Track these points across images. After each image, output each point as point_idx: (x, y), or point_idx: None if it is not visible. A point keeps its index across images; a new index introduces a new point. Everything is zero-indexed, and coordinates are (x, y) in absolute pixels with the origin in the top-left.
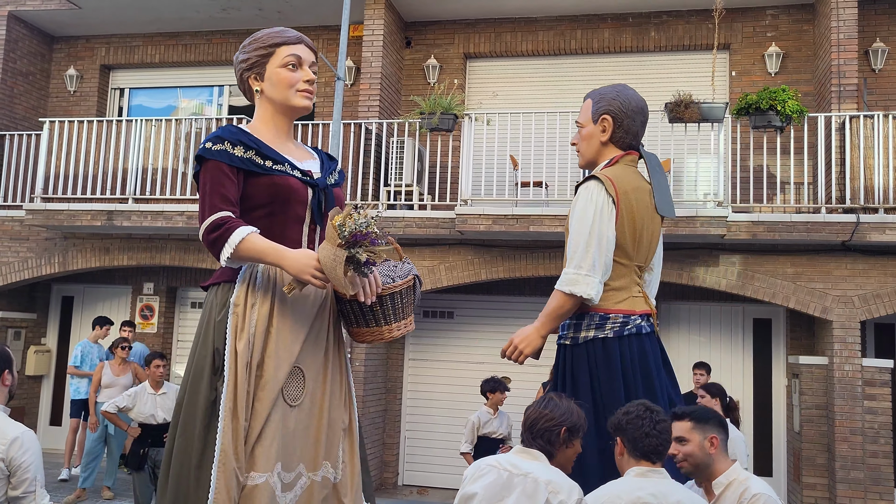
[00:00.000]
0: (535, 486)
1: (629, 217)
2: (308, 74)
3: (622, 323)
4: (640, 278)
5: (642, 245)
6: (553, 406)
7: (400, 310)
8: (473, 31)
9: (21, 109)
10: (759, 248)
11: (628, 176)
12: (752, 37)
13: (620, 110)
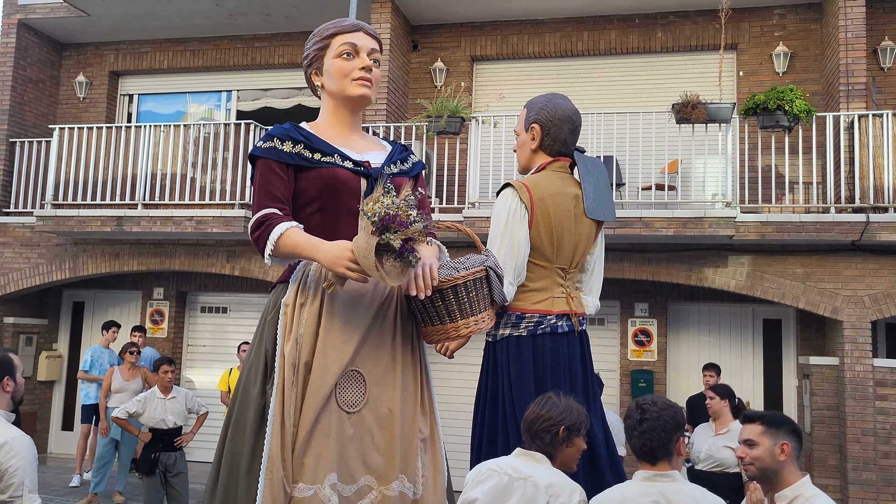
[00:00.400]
0: (536, 491)
1: (545, 221)
2: (364, 62)
3: (536, 322)
4: (566, 279)
5: (563, 248)
6: (551, 405)
7: (467, 305)
8: (480, 33)
9: (31, 116)
10: (769, 249)
11: (549, 182)
12: (759, 36)
13: (548, 119)
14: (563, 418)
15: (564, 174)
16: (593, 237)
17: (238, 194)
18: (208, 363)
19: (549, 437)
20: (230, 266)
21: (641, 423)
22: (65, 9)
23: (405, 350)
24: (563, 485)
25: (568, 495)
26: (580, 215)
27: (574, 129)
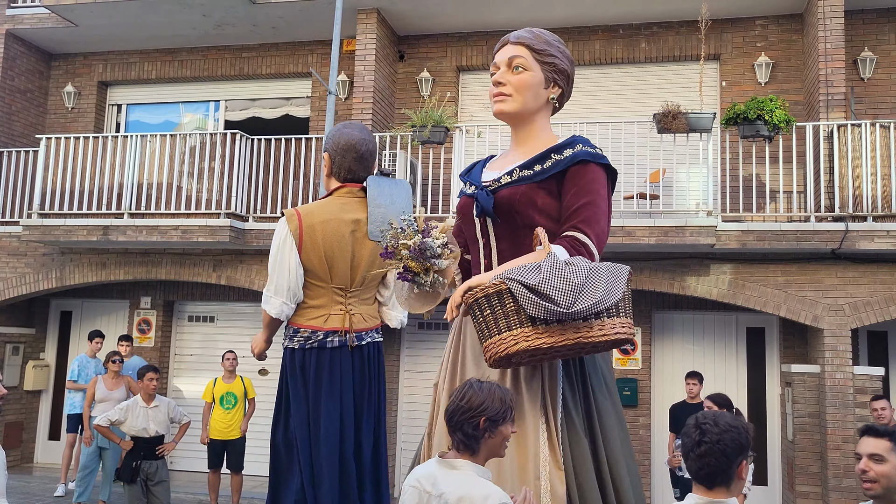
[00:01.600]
0: None
1: (313, 247)
2: (496, 77)
3: (307, 337)
4: (346, 297)
5: (337, 270)
6: (470, 395)
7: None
8: (466, 44)
9: (19, 126)
10: (750, 257)
11: (324, 209)
12: (741, 47)
13: (333, 149)
14: (485, 408)
15: (350, 199)
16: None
17: (224, 204)
18: (196, 372)
19: (470, 429)
20: (216, 275)
21: (699, 446)
22: (53, 19)
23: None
24: (474, 496)
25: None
26: (362, 238)
27: (359, 157)
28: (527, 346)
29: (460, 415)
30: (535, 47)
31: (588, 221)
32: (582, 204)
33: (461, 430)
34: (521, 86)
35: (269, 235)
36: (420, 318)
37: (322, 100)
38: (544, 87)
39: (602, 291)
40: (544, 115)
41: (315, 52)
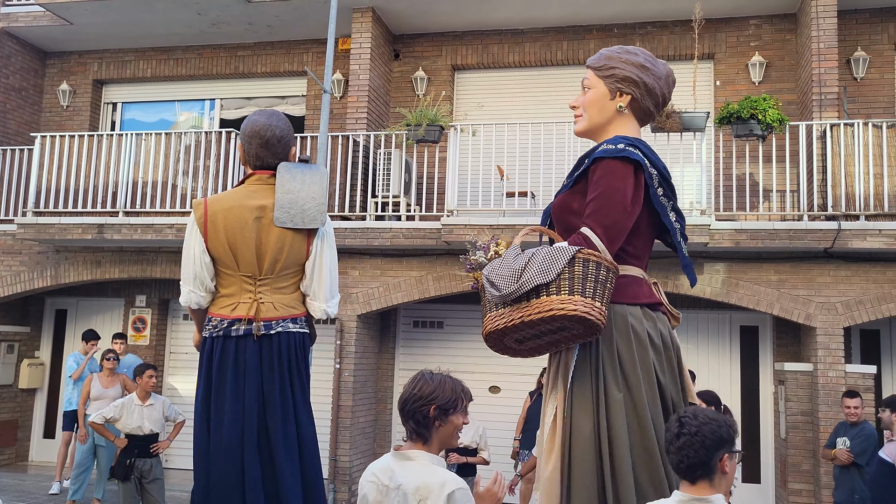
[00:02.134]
0: (405, 499)
1: (216, 234)
2: (571, 102)
3: (215, 325)
4: (256, 286)
5: (242, 258)
6: (422, 384)
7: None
8: (461, 43)
9: (14, 124)
10: (743, 256)
11: (230, 196)
12: (735, 46)
13: (242, 136)
14: (435, 397)
15: (258, 186)
16: (302, 243)
17: None
18: (191, 371)
19: (421, 417)
20: None
21: (679, 438)
22: (48, 17)
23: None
24: (431, 484)
25: (436, 494)
26: (269, 225)
27: (265, 144)
28: (491, 329)
29: (412, 403)
30: (596, 65)
31: (594, 215)
32: (591, 199)
33: (413, 419)
34: (586, 104)
35: None
36: (414, 317)
37: (317, 98)
38: (609, 98)
39: (532, 272)
40: (619, 125)
41: (310, 51)
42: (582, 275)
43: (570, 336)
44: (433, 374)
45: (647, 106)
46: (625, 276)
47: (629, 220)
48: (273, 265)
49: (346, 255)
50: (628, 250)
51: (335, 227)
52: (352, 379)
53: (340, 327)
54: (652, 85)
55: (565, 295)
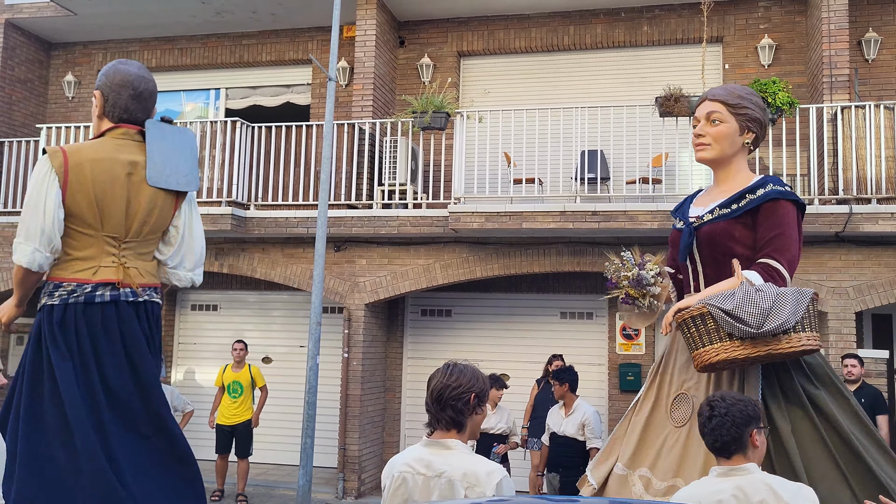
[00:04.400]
0: (451, 486)
1: (81, 187)
2: (698, 129)
3: (70, 291)
4: (120, 248)
5: (109, 216)
6: (458, 373)
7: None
8: (466, 29)
9: (20, 116)
10: None
11: (97, 148)
12: (744, 29)
13: (107, 85)
14: (473, 385)
15: (125, 141)
16: (170, 208)
17: (225, 192)
18: (199, 361)
19: (461, 406)
20: (218, 264)
21: (711, 420)
22: (52, 8)
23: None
24: (478, 472)
25: (485, 481)
26: (140, 183)
27: (137, 96)
28: (726, 357)
29: (450, 392)
30: (730, 102)
31: (780, 250)
32: (774, 235)
33: (451, 408)
34: (718, 136)
35: (271, 224)
36: (422, 306)
37: (322, 87)
38: (739, 134)
39: (787, 313)
40: (740, 158)
41: (315, 39)
42: (813, 313)
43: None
44: (464, 365)
45: (759, 143)
46: None
47: (801, 254)
48: (141, 227)
49: (353, 244)
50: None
51: (342, 215)
52: (360, 368)
53: (348, 316)
54: (766, 125)
55: (810, 332)
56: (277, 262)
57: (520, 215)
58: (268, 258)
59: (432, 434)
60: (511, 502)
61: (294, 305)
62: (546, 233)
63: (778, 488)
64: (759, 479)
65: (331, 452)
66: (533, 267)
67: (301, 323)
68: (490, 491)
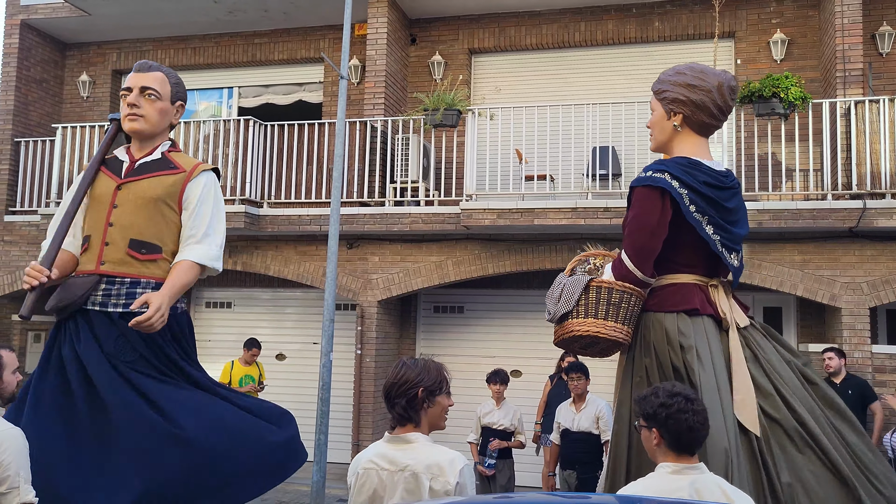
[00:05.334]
0: (416, 479)
1: None
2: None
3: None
4: None
5: None
6: (406, 370)
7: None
8: (478, 26)
9: (36, 116)
10: (766, 237)
11: None
12: (756, 24)
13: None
14: (421, 380)
15: None
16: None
17: (239, 190)
18: (214, 358)
19: (408, 401)
20: (232, 261)
21: (697, 414)
22: (66, 9)
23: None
24: (441, 463)
25: (448, 471)
26: None
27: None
28: (555, 339)
29: (398, 388)
30: (654, 89)
31: (626, 239)
32: (625, 224)
33: (400, 403)
34: (651, 125)
35: (284, 221)
36: (434, 302)
37: (334, 85)
38: (667, 119)
39: (560, 302)
40: (679, 143)
41: (327, 37)
42: (595, 300)
43: (608, 346)
44: (415, 360)
45: (700, 120)
46: (673, 284)
47: (657, 240)
48: None
49: (365, 241)
50: (679, 260)
51: (354, 213)
52: (373, 364)
53: (361, 313)
54: (700, 101)
55: (581, 318)
56: (291, 260)
57: (531, 212)
58: (281, 256)
59: (394, 430)
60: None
61: (307, 302)
62: (558, 229)
63: (727, 488)
64: (711, 479)
65: (344, 448)
66: (545, 263)
67: (314, 320)
68: (453, 479)
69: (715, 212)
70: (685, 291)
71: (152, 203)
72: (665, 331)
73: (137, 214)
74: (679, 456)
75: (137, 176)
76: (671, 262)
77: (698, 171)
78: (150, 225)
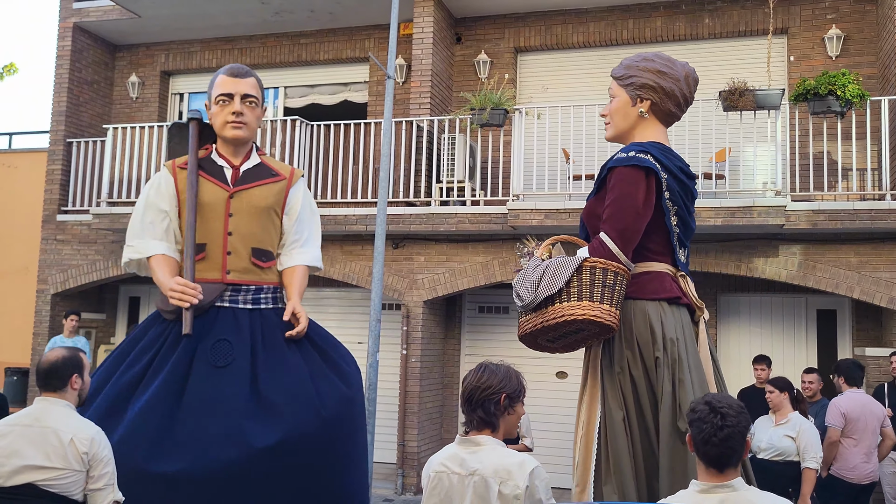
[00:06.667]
0: (485, 484)
1: None
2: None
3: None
4: None
5: None
6: (489, 375)
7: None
8: (523, 24)
9: (87, 117)
10: (821, 238)
11: None
12: (811, 20)
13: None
14: (504, 386)
15: None
16: None
17: None
18: None
19: (491, 406)
20: None
21: (722, 430)
22: (117, 11)
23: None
24: (510, 465)
25: (518, 473)
26: None
27: None
28: (520, 332)
29: (480, 393)
30: (616, 75)
31: (609, 220)
32: (607, 205)
33: (482, 408)
34: (612, 112)
35: (330, 221)
36: (479, 302)
37: (379, 84)
38: (631, 105)
39: (544, 284)
40: (643, 130)
41: (372, 37)
42: (589, 281)
43: (591, 334)
44: (497, 365)
45: (667, 108)
46: (648, 272)
47: (641, 222)
48: None
49: (411, 241)
50: (651, 247)
51: (400, 212)
52: (418, 365)
53: (407, 313)
54: (670, 88)
55: (574, 301)
56: (336, 260)
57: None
58: (327, 255)
59: (468, 433)
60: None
61: (349, 302)
62: None
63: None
64: (744, 497)
65: (390, 448)
66: None
67: (356, 319)
68: (523, 482)
69: (683, 201)
70: (661, 279)
71: (265, 212)
72: (648, 319)
73: (253, 223)
74: (708, 470)
75: (247, 184)
76: (644, 250)
77: (673, 156)
78: (264, 232)
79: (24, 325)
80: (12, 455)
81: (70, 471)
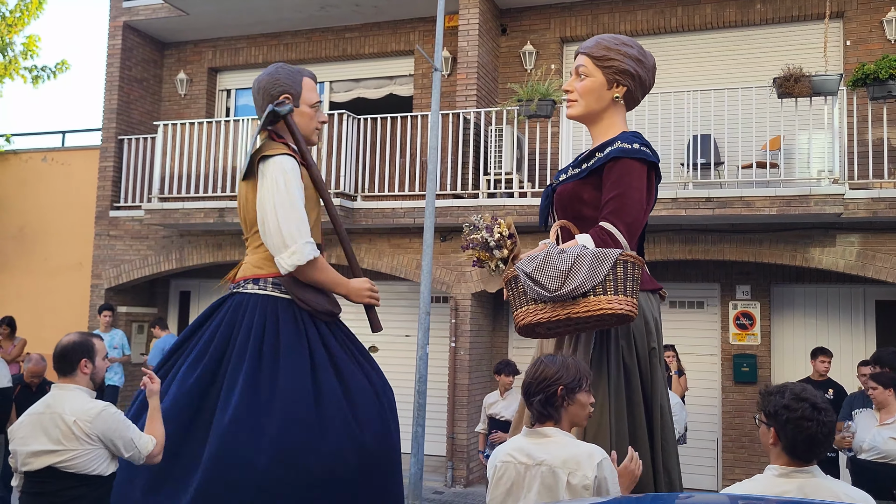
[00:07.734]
0: (553, 475)
1: None
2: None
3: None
4: (246, 248)
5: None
6: (544, 367)
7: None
8: (569, 14)
9: (137, 114)
10: (881, 227)
11: None
12: (868, 2)
13: None
14: (560, 378)
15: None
16: (253, 198)
17: (333, 183)
18: None
19: (548, 398)
20: (326, 254)
21: (825, 426)
22: (166, 9)
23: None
24: (579, 456)
25: (586, 464)
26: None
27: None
28: (531, 320)
29: (536, 386)
30: (595, 54)
31: (616, 212)
32: (612, 196)
33: (540, 401)
34: (583, 91)
35: (378, 214)
36: None
37: (425, 77)
38: (606, 88)
39: (582, 276)
40: (613, 114)
41: (417, 30)
42: (623, 276)
43: (600, 324)
44: (553, 357)
45: (636, 96)
46: None
47: (645, 217)
48: (243, 223)
49: (458, 234)
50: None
51: (448, 205)
52: (467, 357)
53: (455, 306)
54: (644, 77)
55: (611, 295)
56: (384, 253)
57: None
58: (375, 249)
59: (533, 425)
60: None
61: (395, 295)
62: (657, 220)
63: (841, 490)
64: (823, 484)
65: (440, 441)
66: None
67: (403, 312)
68: (591, 473)
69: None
70: (644, 270)
71: None
72: (642, 310)
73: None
74: (792, 460)
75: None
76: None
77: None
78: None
79: (78, 319)
80: (29, 442)
81: (82, 450)
